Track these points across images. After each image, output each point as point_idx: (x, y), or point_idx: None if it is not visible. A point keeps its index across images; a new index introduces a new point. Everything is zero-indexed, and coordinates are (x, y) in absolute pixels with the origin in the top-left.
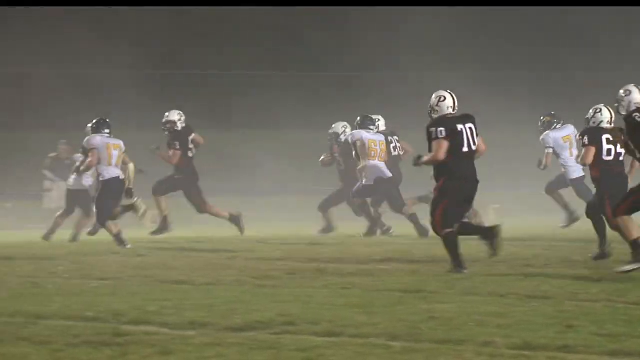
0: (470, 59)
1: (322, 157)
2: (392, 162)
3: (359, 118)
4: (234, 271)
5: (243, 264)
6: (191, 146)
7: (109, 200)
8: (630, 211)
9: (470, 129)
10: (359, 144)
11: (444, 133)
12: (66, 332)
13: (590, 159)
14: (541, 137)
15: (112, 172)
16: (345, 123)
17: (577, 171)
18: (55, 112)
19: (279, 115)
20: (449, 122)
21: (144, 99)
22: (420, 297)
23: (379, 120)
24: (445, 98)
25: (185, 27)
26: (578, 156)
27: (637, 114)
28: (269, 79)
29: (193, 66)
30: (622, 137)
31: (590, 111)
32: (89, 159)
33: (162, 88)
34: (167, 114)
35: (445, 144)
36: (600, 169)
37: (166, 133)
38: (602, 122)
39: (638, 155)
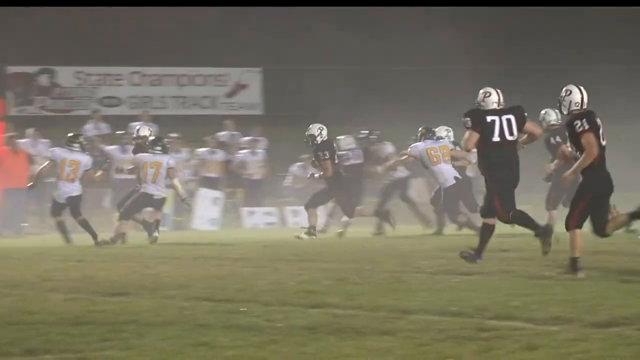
0: None
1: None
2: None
3: (421, 129)
4: (600, 265)
5: (607, 260)
6: None
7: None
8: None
9: (508, 120)
10: (419, 155)
11: (469, 123)
12: (430, 326)
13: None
14: None
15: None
16: (321, 125)
17: None
18: (415, 106)
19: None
20: (480, 113)
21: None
22: None
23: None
24: (490, 94)
25: (538, 21)
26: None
27: (578, 121)
28: (626, 73)
29: (549, 60)
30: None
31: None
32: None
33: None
34: (137, 127)
35: (475, 134)
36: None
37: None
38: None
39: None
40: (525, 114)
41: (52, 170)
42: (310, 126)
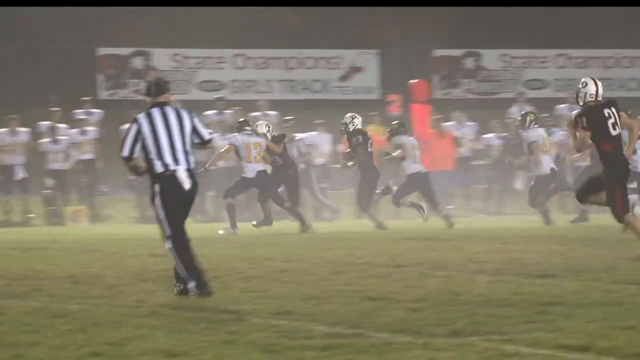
0: None
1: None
2: None
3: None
4: None
5: None
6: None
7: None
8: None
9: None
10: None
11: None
12: None
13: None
14: None
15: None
16: (354, 114)
17: None
18: None
19: None
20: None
21: None
22: None
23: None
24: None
25: None
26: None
27: (580, 119)
28: None
29: None
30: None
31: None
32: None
33: None
34: (259, 122)
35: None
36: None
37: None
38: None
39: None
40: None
41: (230, 155)
42: (347, 114)
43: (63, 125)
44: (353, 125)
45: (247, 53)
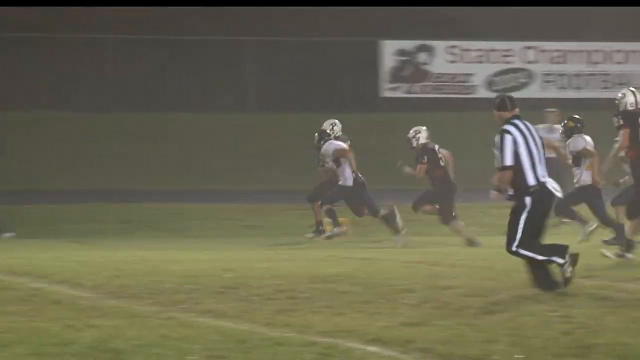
0: None
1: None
2: None
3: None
4: None
5: None
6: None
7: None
8: None
9: None
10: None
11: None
12: None
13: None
14: None
15: None
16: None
17: None
18: None
19: None
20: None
21: None
22: None
23: None
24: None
25: None
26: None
27: (615, 118)
28: None
29: None
30: None
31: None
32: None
33: None
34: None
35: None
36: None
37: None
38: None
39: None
40: None
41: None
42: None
43: None
44: (416, 140)
45: None
